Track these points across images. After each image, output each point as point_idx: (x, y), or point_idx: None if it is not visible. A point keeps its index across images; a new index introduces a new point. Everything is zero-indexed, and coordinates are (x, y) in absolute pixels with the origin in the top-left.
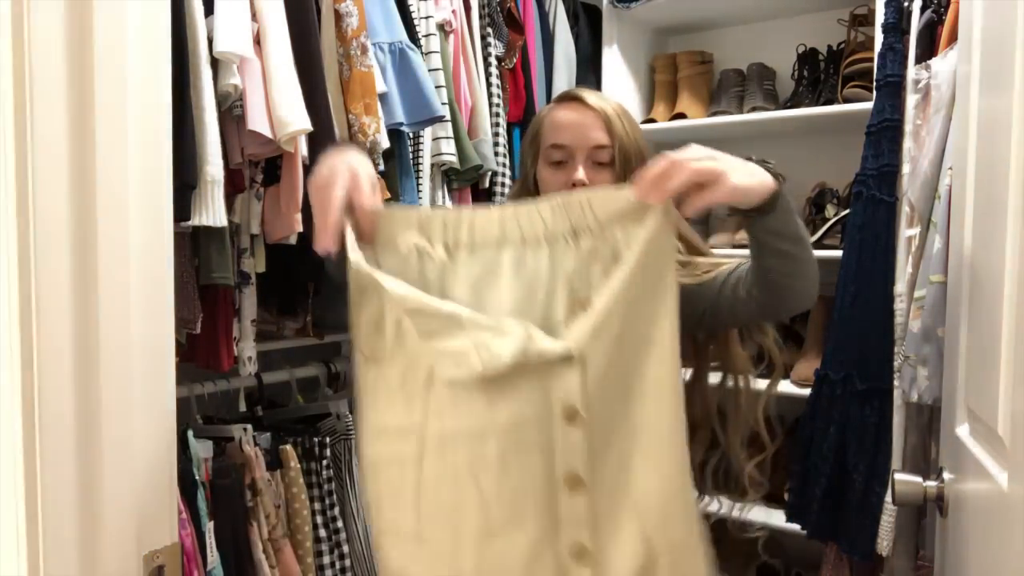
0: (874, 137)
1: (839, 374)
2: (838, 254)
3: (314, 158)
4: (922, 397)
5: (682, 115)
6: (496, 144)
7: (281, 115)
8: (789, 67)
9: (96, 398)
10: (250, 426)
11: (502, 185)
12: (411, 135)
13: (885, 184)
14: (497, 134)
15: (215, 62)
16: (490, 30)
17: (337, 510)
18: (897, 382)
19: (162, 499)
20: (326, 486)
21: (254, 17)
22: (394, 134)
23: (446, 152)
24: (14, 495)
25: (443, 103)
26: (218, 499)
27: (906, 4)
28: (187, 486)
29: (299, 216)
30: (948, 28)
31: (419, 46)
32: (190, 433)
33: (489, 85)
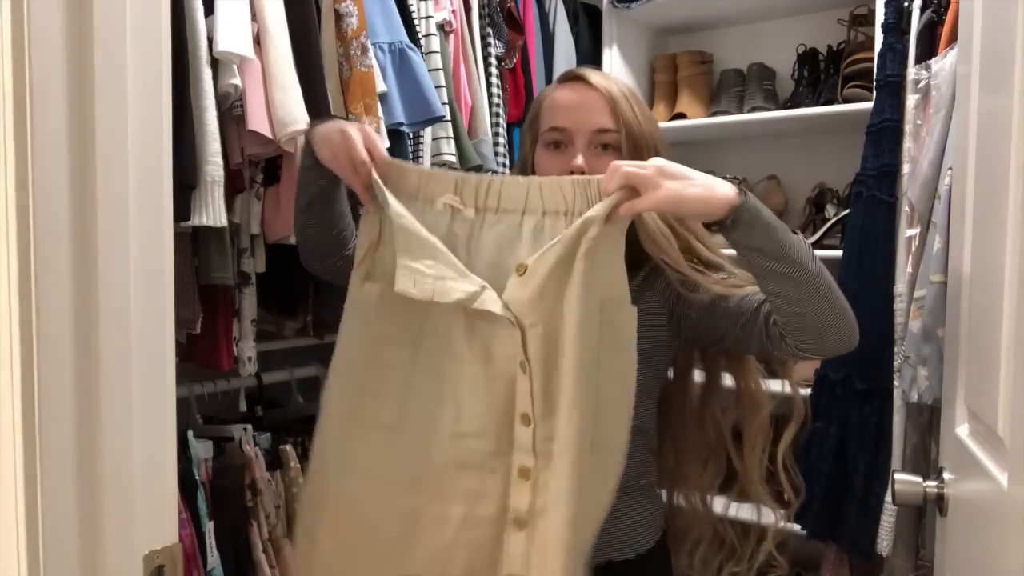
0: (874, 137)
1: (839, 374)
2: (838, 254)
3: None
4: (922, 397)
5: (682, 115)
6: (496, 144)
7: (281, 115)
8: (789, 67)
9: (96, 398)
10: (250, 426)
11: None
12: (411, 135)
13: (885, 184)
14: (497, 134)
15: (215, 62)
16: (490, 30)
17: None
18: (897, 382)
19: (162, 499)
20: None
21: (254, 17)
22: (394, 134)
23: (446, 152)
24: (14, 495)
25: (443, 103)
26: (218, 499)
27: (906, 4)
28: (187, 486)
29: None
30: (948, 28)
31: (419, 46)
32: (190, 433)
33: (489, 85)
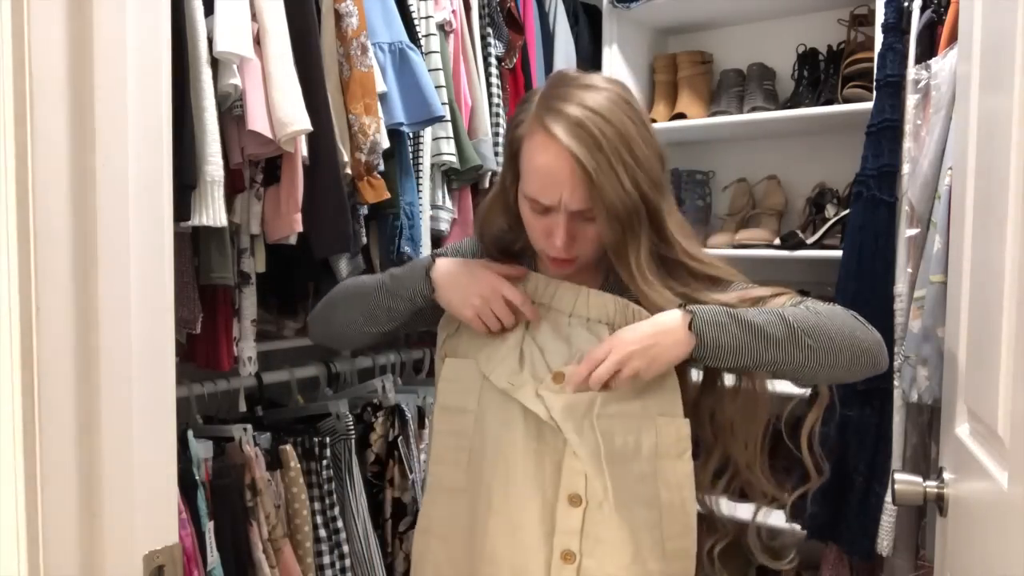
0: (874, 137)
1: None
2: (838, 254)
3: (314, 158)
4: (922, 397)
5: (682, 115)
6: (496, 144)
7: (281, 115)
8: (789, 67)
9: (96, 398)
10: (250, 426)
11: None
12: (411, 135)
13: (885, 184)
14: (497, 134)
15: (215, 62)
16: (490, 30)
17: (337, 510)
18: (897, 382)
19: (162, 499)
20: (326, 486)
21: (254, 17)
22: (394, 134)
23: (446, 152)
24: (14, 495)
25: (443, 103)
26: (218, 499)
27: (906, 4)
28: (187, 486)
29: (299, 216)
30: (948, 28)
31: (419, 46)
32: (190, 433)
33: (489, 85)
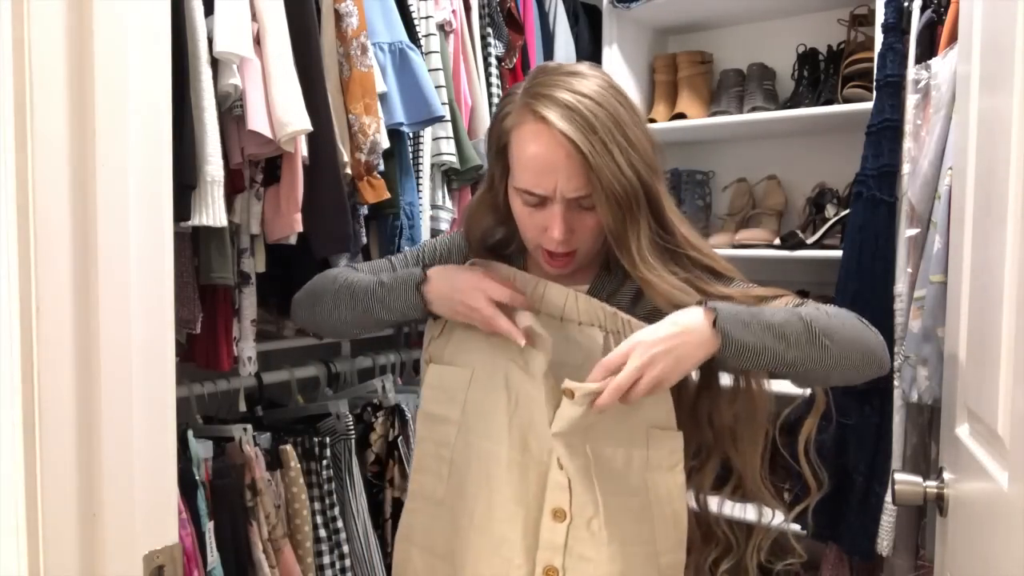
0: (874, 137)
1: None
2: (838, 254)
3: (314, 158)
4: (922, 397)
5: (682, 115)
6: None
7: (281, 115)
8: (789, 67)
9: (96, 398)
10: (250, 426)
11: None
12: (411, 135)
13: (885, 184)
14: None
15: (215, 62)
16: (490, 30)
17: (337, 510)
18: (897, 382)
19: (162, 499)
20: (326, 486)
21: (254, 17)
22: (394, 134)
23: (446, 152)
24: (14, 495)
25: (443, 103)
26: (218, 499)
27: (906, 4)
28: (187, 486)
29: (299, 216)
30: (948, 28)
31: (419, 46)
32: (190, 433)
33: (489, 85)
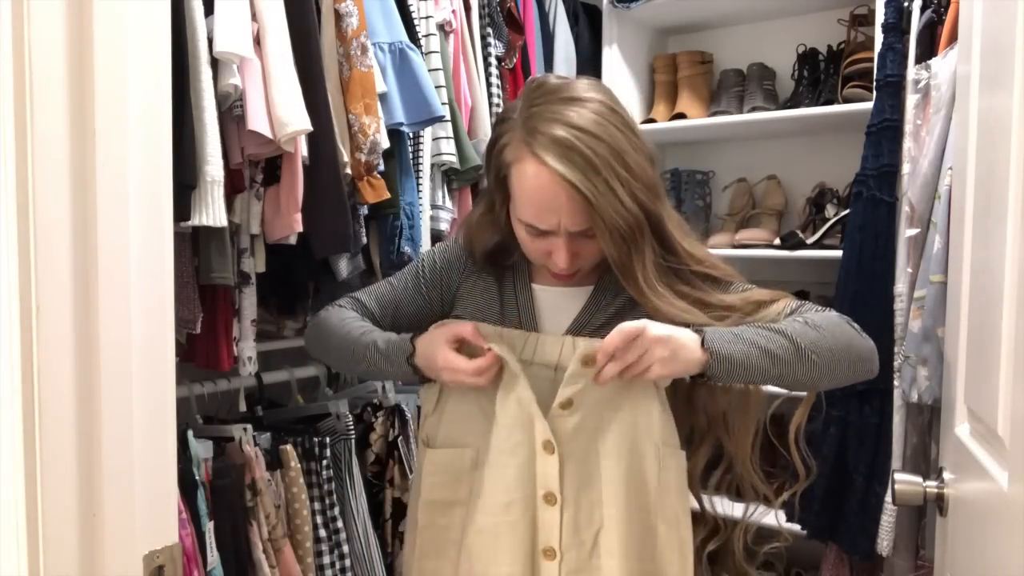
0: (874, 137)
1: None
2: (838, 254)
3: (314, 158)
4: (922, 397)
5: (682, 115)
6: None
7: (281, 115)
8: (789, 67)
9: (96, 398)
10: (250, 426)
11: None
12: (411, 135)
13: (885, 184)
14: None
15: (215, 62)
16: (490, 30)
17: (337, 510)
18: (897, 382)
19: (162, 499)
20: (326, 486)
21: (254, 17)
22: (394, 134)
23: (446, 152)
24: (14, 495)
25: (443, 103)
26: (218, 499)
27: (906, 4)
28: (187, 486)
29: (299, 216)
30: (948, 28)
31: (419, 46)
32: (190, 433)
33: (489, 85)
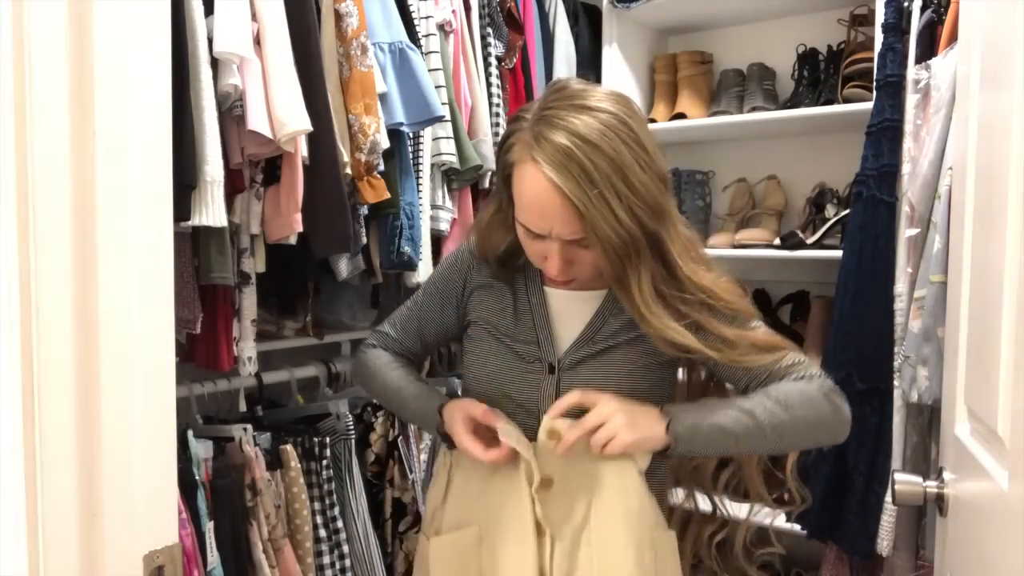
0: (874, 137)
1: (839, 374)
2: (838, 254)
3: (314, 158)
4: (922, 397)
5: (682, 115)
6: (496, 144)
7: (281, 115)
8: (789, 67)
9: (96, 398)
10: (250, 426)
11: None
12: (411, 135)
13: (885, 184)
14: (497, 134)
15: (215, 62)
16: (490, 30)
17: (337, 510)
18: (897, 382)
19: (162, 499)
20: (326, 486)
21: (254, 17)
22: (394, 134)
23: (446, 152)
24: (14, 495)
25: (443, 103)
26: (218, 499)
27: (906, 4)
28: (187, 486)
29: (299, 216)
30: (948, 28)
31: (419, 46)
32: (190, 433)
33: (489, 85)
